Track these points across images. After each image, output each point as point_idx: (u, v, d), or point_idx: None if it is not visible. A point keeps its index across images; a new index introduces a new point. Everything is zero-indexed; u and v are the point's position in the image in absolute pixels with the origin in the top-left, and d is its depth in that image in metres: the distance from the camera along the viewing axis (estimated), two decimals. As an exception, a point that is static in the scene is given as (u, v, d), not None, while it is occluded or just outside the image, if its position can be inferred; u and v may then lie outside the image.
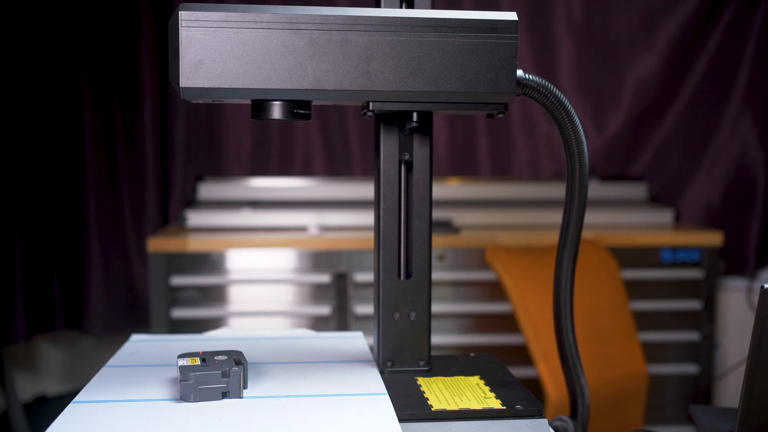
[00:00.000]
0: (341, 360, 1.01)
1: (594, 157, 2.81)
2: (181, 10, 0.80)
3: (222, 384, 0.82)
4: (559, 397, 1.95)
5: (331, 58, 0.82)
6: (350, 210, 2.54)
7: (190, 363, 0.84)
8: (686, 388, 2.53)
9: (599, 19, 2.79)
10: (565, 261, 0.96)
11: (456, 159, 2.81)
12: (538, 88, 0.88)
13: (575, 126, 0.91)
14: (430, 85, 0.84)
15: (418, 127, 0.94)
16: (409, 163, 0.96)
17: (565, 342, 0.97)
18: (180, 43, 0.80)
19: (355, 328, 2.33)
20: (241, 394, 0.83)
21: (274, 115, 0.84)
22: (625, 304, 2.29)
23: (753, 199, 2.75)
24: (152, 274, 2.30)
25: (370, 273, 2.34)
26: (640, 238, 2.45)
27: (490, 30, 0.84)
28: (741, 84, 2.74)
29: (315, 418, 0.79)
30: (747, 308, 2.68)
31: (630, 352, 2.23)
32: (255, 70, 0.81)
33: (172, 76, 0.82)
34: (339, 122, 2.77)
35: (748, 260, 2.73)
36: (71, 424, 0.77)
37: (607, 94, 2.82)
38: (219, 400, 0.82)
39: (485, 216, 2.59)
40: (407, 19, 0.83)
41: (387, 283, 0.96)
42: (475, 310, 2.40)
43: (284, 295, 2.37)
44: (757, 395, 0.75)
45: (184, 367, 0.83)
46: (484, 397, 0.88)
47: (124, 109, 2.63)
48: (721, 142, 2.79)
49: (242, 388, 0.84)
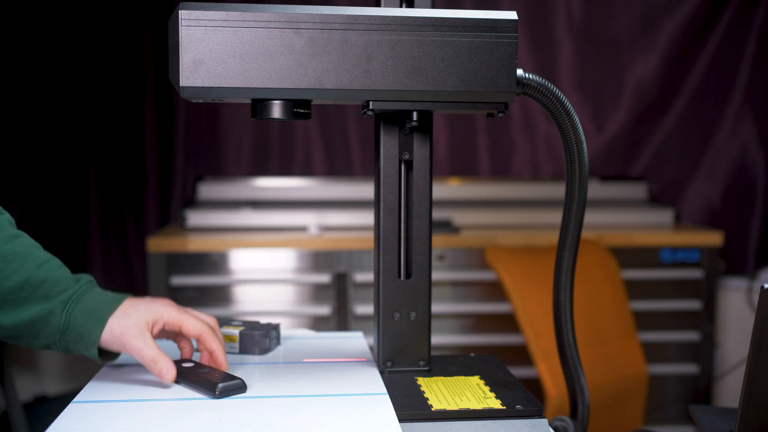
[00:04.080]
0: (341, 360, 1.01)
1: (594, 157, 2.80)
2: (181, 9, 0.80)
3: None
4: (559, 397, 1.95)
5: (331, 57, 0.81)
6: (350, 210, 2.54)
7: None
8: (686, 388, 2.53)
9: (599, 20, 2.79)
10: (565, 261, 0.96)
11: (456, 160, 2.81)
12: (538, 88, 0.88)
13: (575, 126, 0.91)
14: (430, 84, 0.84)
15: (418, 126, 0.94)
16: (409, 163, 0.96)
17: (565, 342, 0.97)
18: (180, 43, 0.80)
19: (355, 328, 2.33)
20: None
21: (274, 114, 0.84)
22: (625, 304, 2.29)
23: (753, 199, 2.75)
24: (152, 274, 2.30)
25: (370, 273, 2.34)
26: (640, 238, 2.45)
27: (490, 29, 0.84)
28: (741, 84, 2.74)
29: (315, 418, 0.79)
30: (747, 308, 2.68)
31: (630, 352, 2.23)
32: (255, 69, 0.81)
33: (172, 76, 0.82)
34: (339, 122, 2.77)
35: (748, 260, 2.73)
36: (71, 424, 0.77)
37: (607, 94, 2.82)
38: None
39: (485, 216, 2.59)
40: (407, 19, 0.83)
41: (387, 283, 0.96)
42: (475, 310, 2.40)
43: (284, 295, 2.37)
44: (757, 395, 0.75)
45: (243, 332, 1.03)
46: (484, 397, 0.88)
47: (124, 109, 2.62)
48: (721, 142, 2.79)
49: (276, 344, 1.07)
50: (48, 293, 0.89)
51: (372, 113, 0.87)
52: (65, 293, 0.90)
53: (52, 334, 0.89)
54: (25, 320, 0.89)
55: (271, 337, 1.04)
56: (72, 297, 0.90)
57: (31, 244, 0.94)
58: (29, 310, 0.89)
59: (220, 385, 0.85)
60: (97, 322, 0.89)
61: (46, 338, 0.89)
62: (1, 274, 0.89)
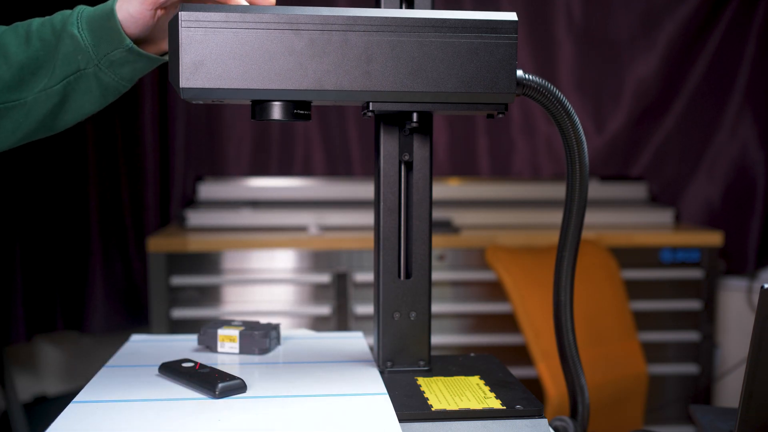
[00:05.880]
0: (341, 360, 1.01)
1: (594, 157, 2.80)
2: (181, 10, 0.80)
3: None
4: (559, 397, 1.95)
5: (331, 58, 0.81)
6: (350, 210, 2.54)
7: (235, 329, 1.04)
8: (686, 388, 2.53)
9: (599, 20, 2.79)
10: (566, 261, 0.96)
11: (456, 161, 2.81)
12: (538, 89, 0.88)
13: (575, 126, 0.91)
14: (430, 85, 0.84)
15: (418, 127, 0.94)
16: (409, 164, 0.96)
17: (565, 342, 0.97)
18: (180, 44, 0.80)
19: (355, 328, 2.33)
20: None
21: (273, 115, 0.84)
22: (625, 305, 2.29)
23: (753, 199, 2.75)
24: (152, 274, 2.30)
25: (370, 273, 2.34)
26: (640, 238, 2.45)
27: (490, 30, 0.84)
28: (741, 84, 2.74)
29: (315, 418, 0.79)
30: (747, 308, 2.68)
31: (630, 352, 2.23)
32: (255, 70, 0.81)
33: (172, 77, 0.81)
34: (339, 122, 2.77)
35: (748, 260, 2.73)
36: (71, 424, 0.77)
37: (607, 94, 2.82)
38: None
39: (485, 216, 2.59)
40: (407, 20, 0.83)
41: (387, 283, 0.96)
42: (475, 310, 2.40)
43: (284, 295, 2.37)
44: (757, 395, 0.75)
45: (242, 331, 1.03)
46: (484, 397, 0.88)
47: (124, 109, 2.62)
48: (721, 142, 2.79)
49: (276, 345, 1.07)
50: (54, 30, 0.89)
51: (372, 114, 0.87)
52: (68, 18, 0.89)
53: (78, 49, 0.88)
54: (53, 54, 0.88)
55: (271, 337, 1.04)
56: (76, 13, 0.89)
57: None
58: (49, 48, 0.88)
59: (220, 385, 0.85)
60: (110, 17, 0.88)
61: (74, 63, 0.88)
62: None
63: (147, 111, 2.62)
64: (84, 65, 0.89)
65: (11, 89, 0.90)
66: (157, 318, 2.30)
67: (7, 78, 0.89)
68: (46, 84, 0.90)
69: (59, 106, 0.91)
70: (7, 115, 0.91)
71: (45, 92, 0.90)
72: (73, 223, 2.60)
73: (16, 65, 0.89)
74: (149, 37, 0.92)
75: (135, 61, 0.90)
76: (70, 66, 0.89)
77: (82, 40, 0.88)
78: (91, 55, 0.88)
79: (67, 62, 0.89)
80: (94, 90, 0.91)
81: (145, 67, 0.92)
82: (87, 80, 0.90)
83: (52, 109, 0.91)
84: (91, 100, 0.92)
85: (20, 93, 0.90)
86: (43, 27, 0.90)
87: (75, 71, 0.89)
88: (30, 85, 0.90)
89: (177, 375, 0.89)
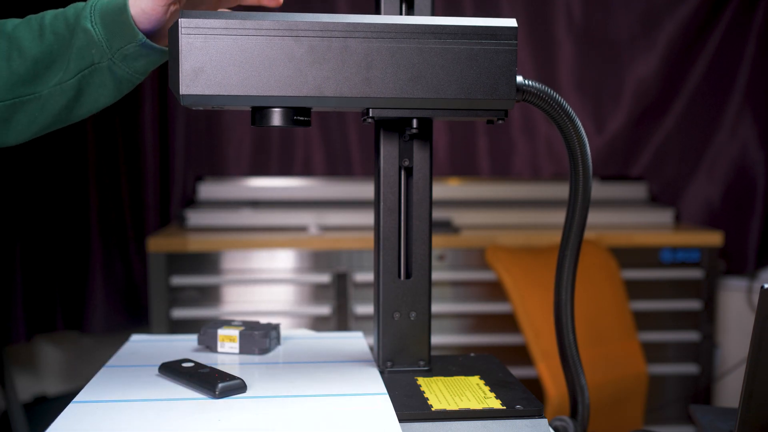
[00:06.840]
0: (341, 360, 1.01)
1: (594, 157, 2.80)
2: (181, 17, 0.80)
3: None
4: (559, 397, 1.95)
5: (331, 65, 0.81)
6: (350, 210, 2.55)
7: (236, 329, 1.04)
8: (686, 388, 2.53)
9: (599, 20, 2.79)
10: (567, 261, 0.96)
11: (456, 161, 2.82)
12: (539, 94, 0.88)
13: (578, 129, 0.91)
14: (429, 91, 0.84)
15: (417, 133, 0.94)
16: (409, 169, 0.96)
17: (565, 342, 0.97)
18: (180, 51, 0.80)
19: (355, 328, 2.33)
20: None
21: (273, 122, 0.84)
22: (625, 304, 2.29)
23: (753, 199, 2.75)
24: (152, 274, 2.30)
25: (370, 273, 2.34)
26: (640, 238, 2.45)
27: (490, 36, 0.84)
28: (741, 84, 2.74)
29: (315, 418, 0.79)
30: (747, 308, 2.68)
31: (630, 352, 2.23)
32: (255, 77, 0.81)
33: (172, 84, 0.81)
34: (339, 122, 2.77)
35: (748, 260, 2.73)
36: (71, 424, 0.77)
37: (607, 94, 2.82)
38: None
39: (485, 216, 2.59)
40: (407, 26, 0.83)
41: (387, 283, 0.96)
42: (475, 310, 2.40)
43: (284, 295, 2.37)
44: (757, 395, 0.75)
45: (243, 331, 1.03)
46: (484, 397, 0.88)
47: (124, 110, 2.63)
48: (721, 142, 2.79)
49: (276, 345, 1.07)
50: (67, 23, 0.89)
51: (372, 120, 0.87)
52: (81, 11, 0.90)
53: (92, 44, 0.88)
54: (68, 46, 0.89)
55: (271, 337, 1.04)
56: (89, 6, 0.90)
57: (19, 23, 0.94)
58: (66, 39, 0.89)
59: (220, 385, 0.85)
60: (122, 12, 0.88)
61: (88, 57, 0.89)
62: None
63: (147, 111, 2.62)
64: (98, 59, 0.89)
65: (26, 83, 0.90)
66: (157, 318, 2.30)
67: (21, 72, 0.90)
68: (61, 78, 0.90)
69: (74, 99, 0.92)
70: (22, 108, 0.91)
71: (60, 86, 0.90)
72: (73, 223, 2.60)
73: (30, 59, 0.90)
74: (162, 30, 0.92)
75: (148, 55, 0.90)
76: (85, 60, 0.89)
77: (96, 35, 0.88)
78: (105, 50, 0.89)
79: (81, 56, 0.89)
80: (108, 83, 0.91)
81: (158, 60, 0.92)
82: (101, 74, 0.90)
83: (67, 103, 0.92)
84: (106, 93, 0.92)
85: (35, 87, 0.90)
86: (57, 20, 0.91)
87: (89, 65, 0.89)
88: (44, 79, 0.90)
89: (177, 375, 0.90)
